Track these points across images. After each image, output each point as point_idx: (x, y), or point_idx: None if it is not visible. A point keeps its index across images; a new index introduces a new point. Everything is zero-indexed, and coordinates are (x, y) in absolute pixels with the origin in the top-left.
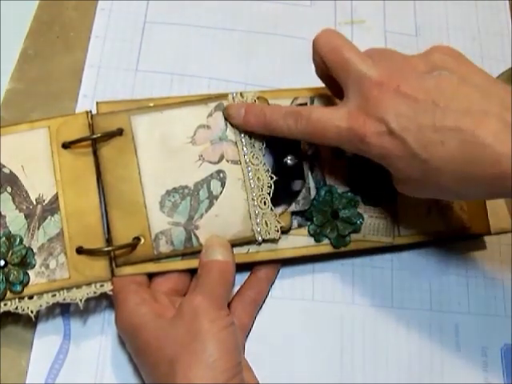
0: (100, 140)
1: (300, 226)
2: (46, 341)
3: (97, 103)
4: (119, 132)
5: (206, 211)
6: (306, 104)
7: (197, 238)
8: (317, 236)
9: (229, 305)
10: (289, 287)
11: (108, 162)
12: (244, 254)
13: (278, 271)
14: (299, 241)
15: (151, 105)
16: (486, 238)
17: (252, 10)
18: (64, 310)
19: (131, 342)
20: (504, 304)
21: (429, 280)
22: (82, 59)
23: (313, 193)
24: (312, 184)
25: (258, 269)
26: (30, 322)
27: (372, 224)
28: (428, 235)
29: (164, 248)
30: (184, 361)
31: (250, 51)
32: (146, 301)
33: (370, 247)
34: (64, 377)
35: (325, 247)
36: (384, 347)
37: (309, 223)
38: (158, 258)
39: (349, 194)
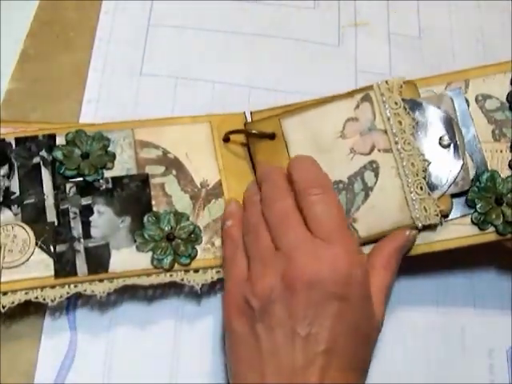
0: (253, 142)
1: (463, 215)
2: (53, 340)
3: (250, 112)
4: (272, 136)
5: (363, 203)
6: (460, 89)
7: (356, 231)
8: (481, 224)
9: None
10: None
11: (261, 163)
12: None
13: None
14: (462, 230)
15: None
16: None
17: (256, 12)
18: (70, 308)
19: (226, 338)
20: (510, 306)
21: (435, 281)
22: (82, 59)
23: (471, 172)
24: (470, 163)
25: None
26: (36, 322)
27: None
28: None
29: None
30: None
31: (254, 54)
32: None
33: None
34: (72, 376)
35: (490, 235)
36: (389, 348)
37: (472, 211)
38: None
39: None
